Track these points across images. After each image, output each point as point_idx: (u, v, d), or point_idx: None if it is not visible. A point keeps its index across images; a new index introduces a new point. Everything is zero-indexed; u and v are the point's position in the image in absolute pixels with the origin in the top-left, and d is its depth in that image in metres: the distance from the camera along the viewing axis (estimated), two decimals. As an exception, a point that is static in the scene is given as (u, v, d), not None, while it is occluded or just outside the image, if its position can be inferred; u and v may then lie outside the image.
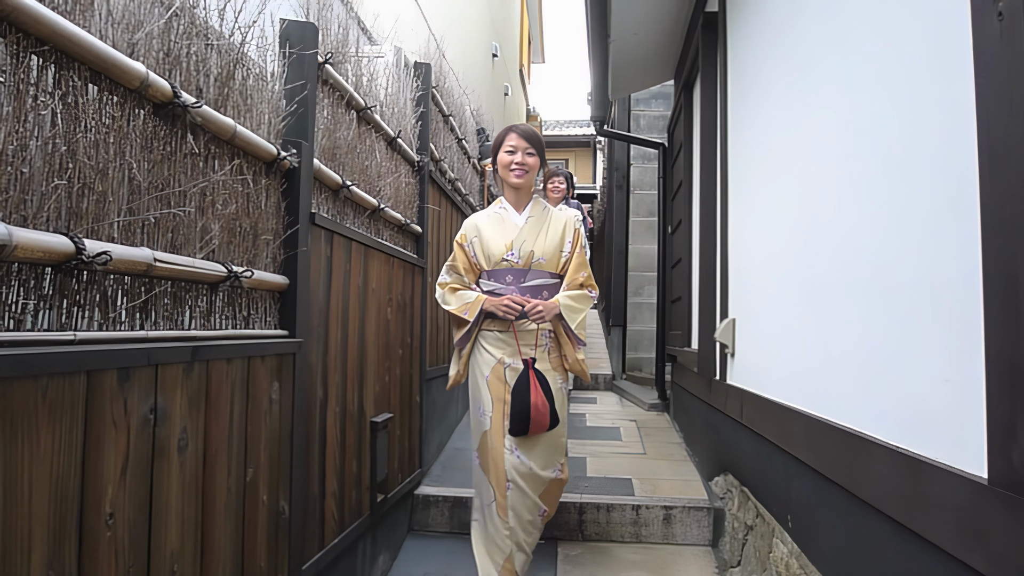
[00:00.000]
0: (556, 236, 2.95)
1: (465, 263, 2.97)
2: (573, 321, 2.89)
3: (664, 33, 4.73)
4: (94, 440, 1.27)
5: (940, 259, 1.33)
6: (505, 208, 3.02)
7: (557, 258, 2.94)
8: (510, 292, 2.87)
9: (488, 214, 3.03)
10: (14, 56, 1.15)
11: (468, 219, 3.04)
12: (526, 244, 2.89)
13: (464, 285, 2.97)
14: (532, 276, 2.90)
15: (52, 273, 1.23)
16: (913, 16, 1.47)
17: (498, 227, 2.95)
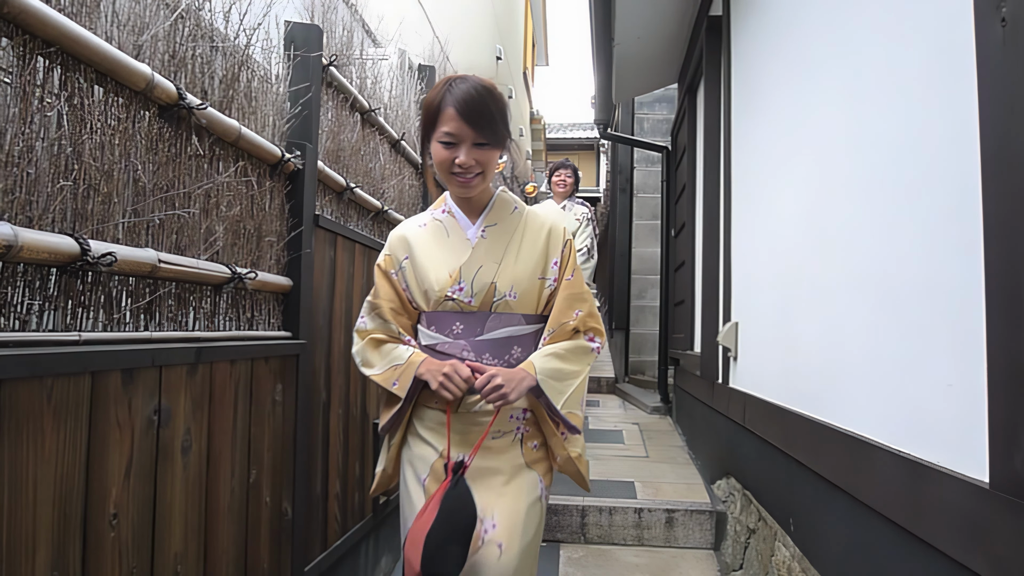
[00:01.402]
0: (533, 255, 1.78)
1: (393, 301, 1.81)
2: (559, 396, 1.73)
3: (668, 36, 4.73)
4: (98, 441, 1.27)
5: (942, 264, 1.33)
6: (450, 214, 1.82)
7: (535, 292, 1.77)
8: (459, 351, 1.74)
9: (424, 223, 1.84)
10: (20, 58, 1.15)
11: (395, 229, 1.89)
12: (483, 273, 1.73)
13: (392, 336, 1.81)
14: (494, 324, 1.75)
15: (57, 274, 1.23)
16: (916, 22, 1.47)
17: (438, 245, 1.78)
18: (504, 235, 1.78)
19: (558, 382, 1.73)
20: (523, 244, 1.78)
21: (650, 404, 6.08)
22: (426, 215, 1.86)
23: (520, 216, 1.83)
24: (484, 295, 1.72)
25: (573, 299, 1.78)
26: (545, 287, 1.79)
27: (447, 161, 1.66)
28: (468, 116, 1.62)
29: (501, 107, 1.69)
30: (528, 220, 1.82)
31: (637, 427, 5.40)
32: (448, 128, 1.64)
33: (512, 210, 1.83)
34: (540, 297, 1.78)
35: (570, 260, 1.82)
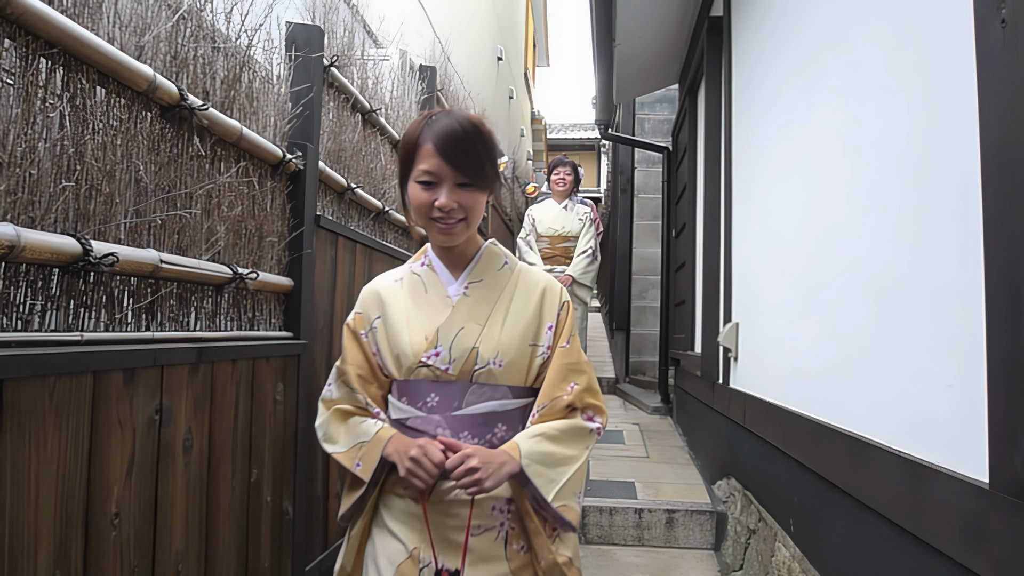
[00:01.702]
0: (524, 318, 1.54)
1: (361, 367, 1.57)
2: (551, 486, 1.45)
3: (669, 37, 4.73)
4: (100, 440, 1.27)
5: (942, 265, 1.33)
6: (429, 267, 1.59)
7: (525, 361, 1.52)
8: (433, 428, 1.48)
9: (400, 277, 1.61)
10: (23, 58, 1.16)
11: (368, 285, 1.65)
12: (464, 336, 1.48)
13: (359, 407, 1.57)
14: (475, 397, 1.49)
15: (59, 274, 1.24)
16: (916, 22, 1.48)
17: (414, 303, 1.55)
18: (491, 293, 1.54)
19: (549, 468, 1.45)
20: (512, 304, 1.54)
21: (651, 404, 6.08)
22: (403, 269, 1.62)
23: (510, 272, 1.59)
24: (464, 362, 1.47)
25: (569, 370, 1.52)
26: (537, 355, 1.53)
27: (426, 204, 1.43)
28: (449, 153, 1.40)
29: (488, 144, 1.46)
30: (520, 278, 1.59)
31: (638, 427, 5.41)
32: (427, 166, 1.42)
33: (501, 265, 1.59)
34: (530, 367, 1.53)
35: (566, 325, 1.57)
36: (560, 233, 5.28)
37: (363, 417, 1.55)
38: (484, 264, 1.57)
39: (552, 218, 5.36)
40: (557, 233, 5.29)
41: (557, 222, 5.33)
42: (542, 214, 5.42)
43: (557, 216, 5.35)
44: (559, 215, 5.35)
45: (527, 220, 5.45)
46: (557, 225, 5.31)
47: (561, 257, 5.27)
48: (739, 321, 3.10)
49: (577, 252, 5.24)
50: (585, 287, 5.18)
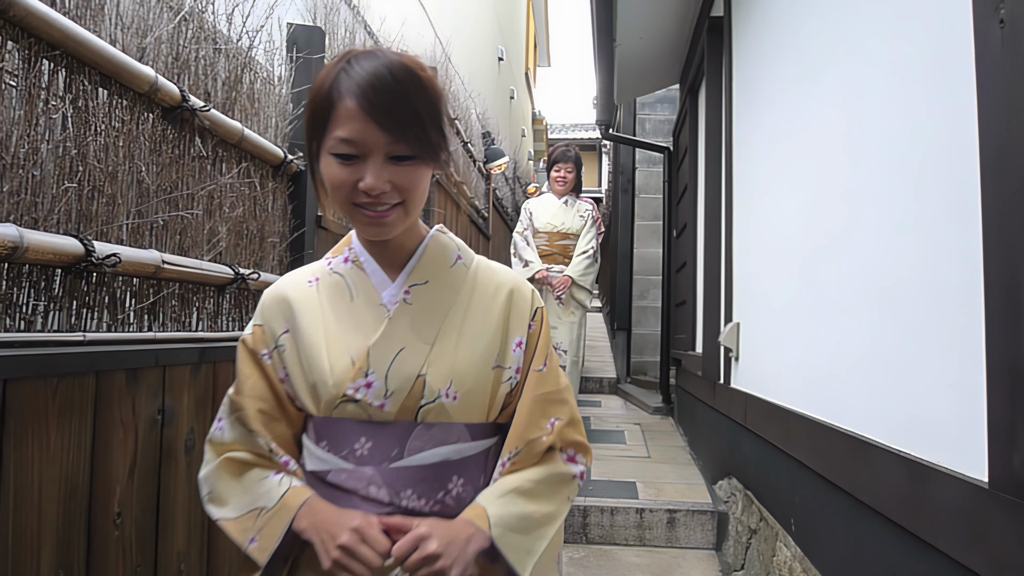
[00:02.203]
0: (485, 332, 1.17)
1: (264, 399, 1.14)
2: (526, 559, 1.11)
3: (670, 37, 4.74)
4: (103, 440, 1.28)
5: (942, 265, 1.34)
6: (356, 264, 1.18)
7: (487, 389, 1.15)
8: (364, 485, 1.09)
9: (316, 277, 1.19)
10: (26, 61, 1.16)
11: (271, 287, 1.21)
12: (405, 359, 1.11)
13: (260, 455, 1.14)
14: (422, 441, 1.11)
15: (62, 275, 1.24)
16: (916, 23, 1.48)
17: (335, 313, 1.15)
18: (440, 299, 1.13)
19: (524, 535, 1.10)
20: (470, 314, 1.14)
21: (652, 404, 6.08)
22: (317, 266, 1.19)
23: (465, 270, 1.17)
24: (406, 395, 1.07)
25: (548, 402, 1.15)
26: (502, 381, 1.14)
27: (346, 185, 1.01)
28: (378, 113, 0.98)
29: (432, 98, 1.04)
30: (478, 277, 1.18)
31: (639, 427, 5.41)
32: (345, 132, 0.99)
33: (453, 260, 1.17)
34: (494, 397, 1.14)
35: (541, 339, 1.18)
36: (559, 230, 4.88)
37: (265, 470, 1.11)
38: (430, 260, 1.15)
39: (551, 213, 4.91)
40: (556, 229, 4.88)
41: (556, 218, 4.89)
42: (540, 208, 4.97)
43: (556, 211, 4.91)
44: (559, 210, 4.91)
45: (524, 213, 5.01)
46: (556, 221, 4.88)
47: (559, 256, 4.86)
48: (740, 321, 3.10)
49: (577, 252, 4.84)
50: (584, 290, 4.83)
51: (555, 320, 4.63)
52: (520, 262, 4.77)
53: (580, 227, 4.87)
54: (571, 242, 4.88)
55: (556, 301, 4.68)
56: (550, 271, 4.75)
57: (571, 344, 4.70)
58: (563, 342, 4.68)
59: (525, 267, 4.74)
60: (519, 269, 4.73)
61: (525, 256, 4.80)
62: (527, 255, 4.80)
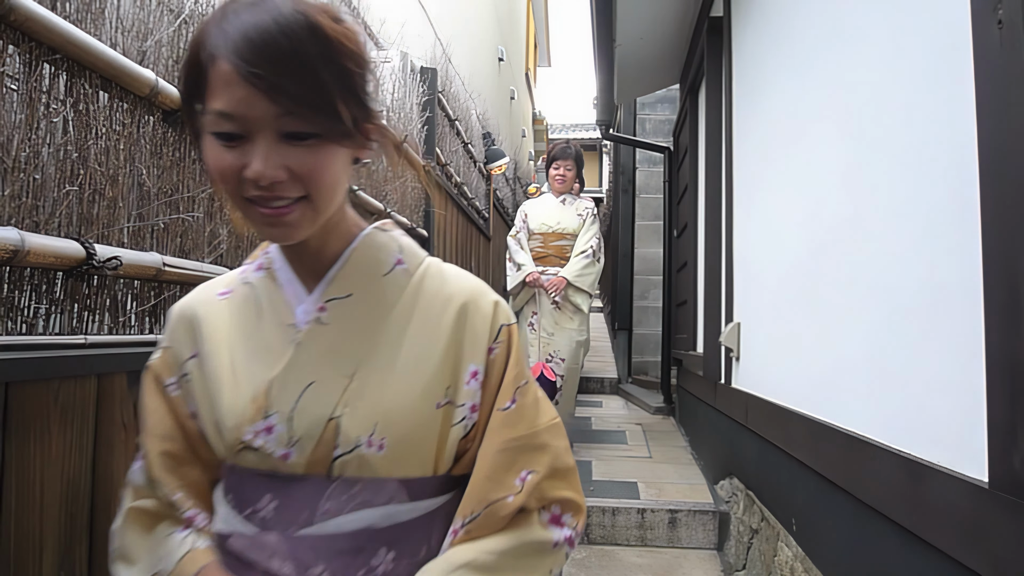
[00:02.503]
0: (428, 359, 0.88)
1: (168, 438, 0.92)
2: None
3: (669, 37, 4.74)
4: (104, 442, 1.28)
5: (941, 265, 1.34)
6: (268, 273, 0.93)
7: (432, 433, 0.87)
8: (267, 557, 0.83)
9: (229, 289, 0.95)
10: (27, 64, 1.17)
11: (182, 300, 0.97)
12: (315, 396, 0.85)
13: (164, 506, 0.92)
14: (340, 504, 0.84)
15: (63, 278, 1.25)
16: (915, 24, 1.48)
17: (243, 333, 0.91)
18: (366, 317, 0.88)
19: None
20: (407, 336, 0.88)
21: (653, 404, 6.08)
22: (234, 275, 0.96)
23: (405, 279, 0.91)
24: (315, 443, 0.83)
25: (517, 450, 0.87)
26: (454, 423, 0.88)
27: (230, 173, 0.77)
28: (258, 75, 0.73)
29: (339, 54, 0.77)
30: (424, 288, 0.91)
31: (640, 427, 5.40)
32: (222, 103, 0.75)
33: (389, 267, 0.91)
34: (442, 444, 0.88)
35: (509, 368, 0.90)
36: (554, 230, 4.51)
37: (172, 524, 0.91)
38: (356, 267, 0.90)
39: (546, 213, 4.58)
40: (551, 229, 4.51)
41: (551, 217, 4.54)
42: (535, 209, 4.65)
43: (552, 211, 4.57)
44: (555, 209, 4.57)
45: (519, 216, 4.68)
46: (551, 220, 4.53)
47: (555, 257, 4.49)
48: (741, 321, 3.11)
49: (575, 252, 4.46)
50: (581, 292, 4.38)
51: (551, 326, 4.34)
52: (513, 266, 4.50)
53: (578, 226, 4.50)
54: (568, 243, 4.51)
55: (552, 305, 4.36)
56: (546, 272, 4.41)
57: (570, 352, 4.33)
58: (560, 350, 4.33)
59: (518, 270, 4.45)
60: (512, 274, 4.47)
61: (517, 259, 4.49)
62: (519, 258, 4.49)
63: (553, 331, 4.31)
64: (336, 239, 0.90)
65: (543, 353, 4.26)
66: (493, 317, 0.91)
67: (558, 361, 4.27)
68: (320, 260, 0.90)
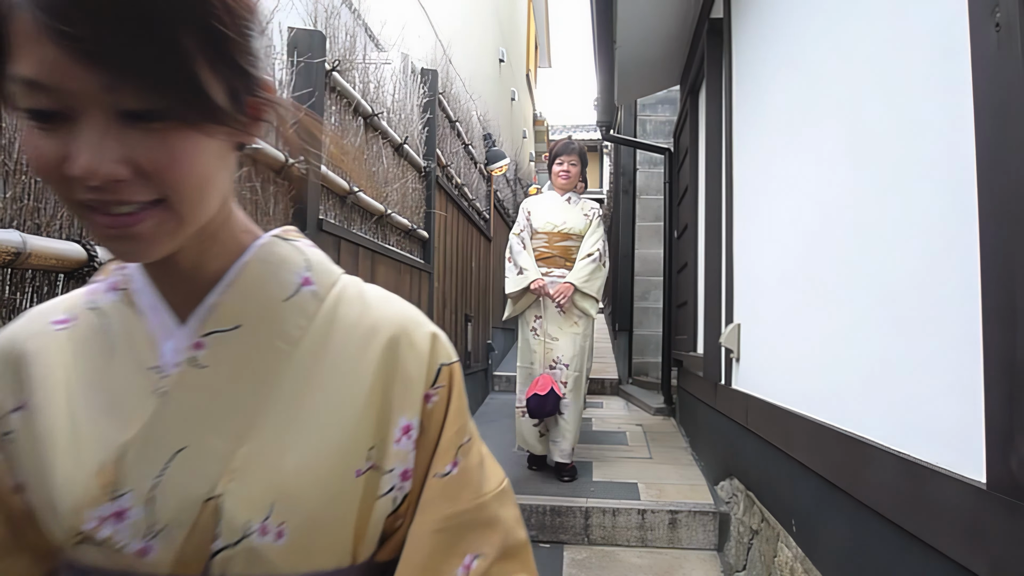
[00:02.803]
0: (345, 411, 0.64)
1: None
2: None
3: (670, 39, 4.75)
4: (105, 444, 1.29)
5: (940, 267, 1.34)
6: (125, 296, 0.66)
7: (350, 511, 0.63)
8: None
9: (72, 316, 0.68)
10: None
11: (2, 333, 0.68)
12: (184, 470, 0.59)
13: None
14: None
15: (65, 279, 1.25)
16: (914, 25, 1.49)
17: (87, 378, 0.64)
18: (260, 358, 0.65)
19: None
20: (316, 382, 0.66)
21: (653, 405, 6.08)
22: (77, 296, 0.71)
23: (316, 306, 0.68)
24: (187, 533, 0.60)
25: (459, 528, 0.68)
26: (379, 495, 0.66)
27: (49, 166, 0.53)
28: (73, 30, 0.47)
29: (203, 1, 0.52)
30: (339, 316, 0.69)
31: (641, 428, 5.41)
32: (29, 68, 0.50)
33: (293, 289, 0.68)
34: (363, 523, 0.65)
35: (448, 422, 0.70)
36: (560, 229, 4.26)
37: None
38: (245, 290, 0.66)
39: (551, 211, 4.30)
40: (556, 229, 4.26)
41: (557, 216, 4.28)
42: (539, 206, 4.36)
43: (557, 209, 4.29)
44: (560, 208, 4.29)
45: (521, 213, 4.41)
46: (557, 220, 4.27)
47: (560, 258, 4.24)
48: (741, 322, 3.11)
49: (580, 255, 4.20)
50: (589, 298, 4.16)
51: (556, 331, 4.10)
52: (515, 268, 4.21)
53: (584, 227, 4.24)
54: (573, 243, 4.27)
55: (556, 309, 4.11)
56: (550, 274, 4.17)
57: (574, 358, 4.07)
58: (564, 355, 4.07)
59: (520, 274, 4.16)
60: (514, 277, 4.18)
61: (520, 262, 4.20)
62: (522, 260, 4.20)
63: (558, 335, 4.09)
64: (217, 253, 0.66)
65: (546, 360, 4.05)
66: (431, 355, 0.69)
67: (562, 367, 4.03)
68: (196, 281, 0.65)
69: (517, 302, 4.21)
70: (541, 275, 4.11)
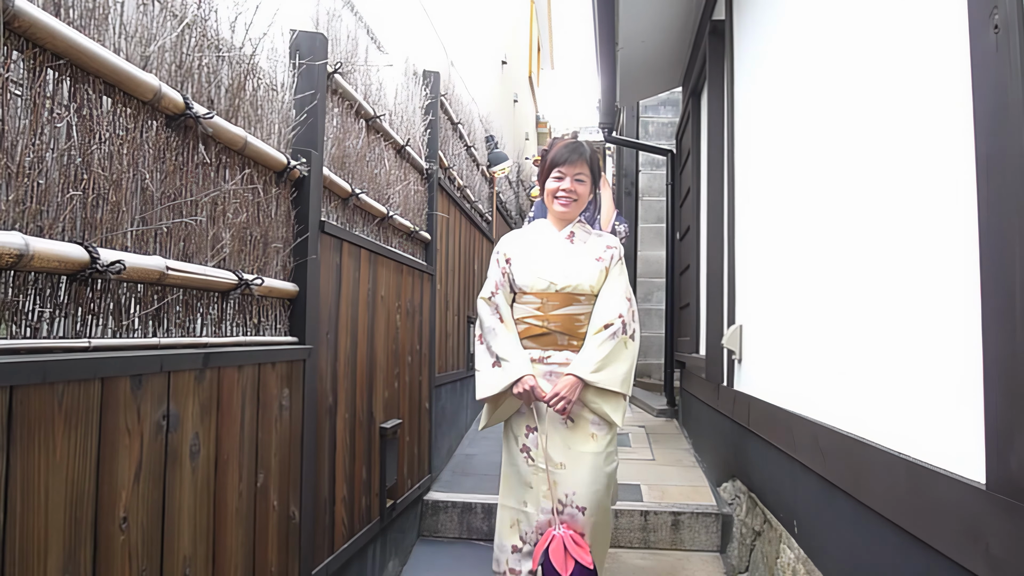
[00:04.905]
0: None
1: None
2: None
3: (672, 40, 4.75)
4: (108, 446, 1.29)
5: (940, 269, 1.34)
6: None
7: None
8: None
9: None
10: (31, 70, 1.18)
11: None
12: None
13: None
14: None
15: (67, 282, 1.25)
16: (914, 27, 1.49)
17: None
18: None
19: None
20: None
21: (656, 407, 6.08)
22: None
23: None
24: None
25: None
26: None
27: None
28: None
29: None
30: None
31: (643, 430, 5.41)
32: None
33: None
34: None
35: None
36: (561, 288, 2.57)
37: None
38: None
39: (544, 257, 2.62)
40: (555, 288, 2.57)
41: (554, 265, 2.60)
42: (524, 249, 2.67)
43: (555, 254, 2.63)
44: (558, 251, 2.63)
45: (494, 262, 2.69)
46: (554, 272, 2.59)
47: (562, 335, 2.56)
48: (742, 323, 3.11)
49: (594, 324, 2.54)
50: (612, 396, 2.51)
51: (561, 451, 2.50)
52: (487, 356, 2.57)
53: (598, 279, 2.58)
54: (583, 308, 2.57)
55: (563, 418, 2.51)
56: (546, 361, 2.55)
57: (594, 495, 2.48)
58: (578, 491, 2.47)
59: (496, 367, 2.53)
60: (487, 371, 2.56)
61: (495, 345, 2.56)
62: (498, 343, 2.55)
63: (564, 459, 2.50)
64: None
65: (552, 497, 2.48)
66: None
67: (574, 510, 2.48)
68: None
69: (499, 408, 2.61)
70: (531, 367, 2.51)
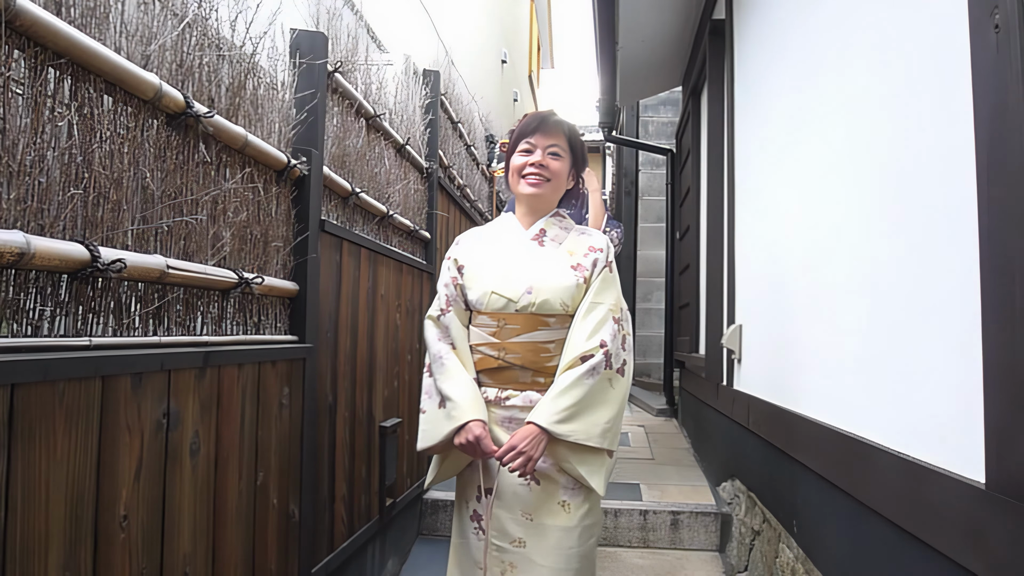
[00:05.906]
0: None
1: None
2: None
3: (672, 40, 4.75)
4: (108, 444, 1.29)
5: (940, 268, 1.35)
6: None
7: None
8: None
9: None
10: (32, 69, 1.18)
11: None
12: None
13: None
14: None
15: (68, 280, 1.26)
16: (914, 27, 1.49)
17: None
18: None
19: None
20: None
21: (656, 406, 6.08)
22: None
23: None
24: None
25: None
26: None
27: None
28: None
29: None
30: None
31: (643, 429, 5.41)
32: None
33: None
34: None
35: None
36: (523, 308, 1.88)
37: None
38: None
39: (504, 263, 1.96)
40: (515, 306, 1.89)
41: (515, 275, 1.92)
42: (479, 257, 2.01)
43: (516, 258, 1.96)
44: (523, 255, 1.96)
45: (445, 268, 2.05)
46: (514, 284, 1.91)
47: (524, 371, 1.90)
48: (742, 323, 3.11)
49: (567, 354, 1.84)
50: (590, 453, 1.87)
51: (520, 524, 1.85)
52: (432, 396, 1.96)
53: (575, 295, 1.89)
54: (553, 334, 1.90)
55: (522, 480, 1.85)
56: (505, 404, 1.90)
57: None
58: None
59: (441, 408, 1.91)
60: (432, 411, 1.93)
61: (442, 385, 1.92)
62: (445, 381, 1.92)
63: (524, 534, 1.85)
64: None
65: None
66: None
67: None
68: None
69: (446, 457, 1.99)
70: (482, 410, 1.88)
